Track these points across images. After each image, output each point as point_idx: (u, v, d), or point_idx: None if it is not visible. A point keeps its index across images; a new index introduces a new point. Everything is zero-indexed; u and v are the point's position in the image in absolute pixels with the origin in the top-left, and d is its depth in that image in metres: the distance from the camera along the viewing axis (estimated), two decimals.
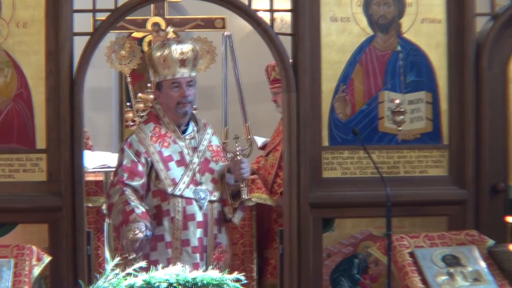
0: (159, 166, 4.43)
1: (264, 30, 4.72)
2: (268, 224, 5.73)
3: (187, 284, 2.92)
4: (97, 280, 2.92)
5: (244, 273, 3.11)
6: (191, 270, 3.03)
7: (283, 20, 6.28)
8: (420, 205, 4.76)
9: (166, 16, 6.98)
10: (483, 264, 4.28)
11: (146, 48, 6.83)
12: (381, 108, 4.79)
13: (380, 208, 4.29)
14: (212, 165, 4.54)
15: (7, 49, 4.55)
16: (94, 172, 5.69)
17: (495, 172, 4.84)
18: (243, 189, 4.51)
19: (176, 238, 4.40)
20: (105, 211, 5.40)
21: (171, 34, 4.84)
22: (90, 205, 5.40)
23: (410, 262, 4.26)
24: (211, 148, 4.59)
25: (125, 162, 4.42)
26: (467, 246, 4.39)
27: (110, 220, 5.30)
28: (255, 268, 5.64)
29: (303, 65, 4.70)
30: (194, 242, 4.41)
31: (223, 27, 6.79)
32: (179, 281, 2.92)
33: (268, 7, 4.75)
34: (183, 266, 3.03)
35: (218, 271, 3.02)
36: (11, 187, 4.54)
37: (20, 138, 4.56)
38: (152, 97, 6.26)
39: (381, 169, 4.58)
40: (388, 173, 4.73)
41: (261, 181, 5.69)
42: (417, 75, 4.82)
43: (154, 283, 2.90)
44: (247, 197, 4.52)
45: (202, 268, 3.49)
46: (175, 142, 4.50)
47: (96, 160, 5.70)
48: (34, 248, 4.17)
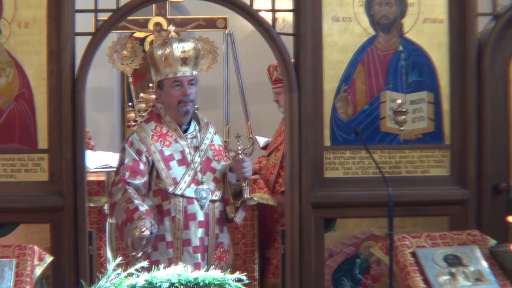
0: (160, 165, 4.40)
1: (266, 30, 4.72)
2: (270, 224, 5.74)
3: (189, 284, 2.92)
4: (99, 280, 2.92)
5: (246, 273, 3.10)
6: (193, 270, 3.02)
7: (285, 20, 6.27)
8: (422, 205, 4.76)
9: (168, 16, 6.98)
10: (485, 264, 4.28)
11: (148, 48, 6.82)
12: (383, 108, 4.79)
13: (382, 208, 4.29)
14: (214, 164, 4.51)
15: (9, 49, 4.55)
16: (96, 172, 5.70)
17: (497, 172, 4.84)
18: (245, 188, 4.45)
19: (177, 238, 4.38)
20: (107, 211, 5.40)
21: (173, 34, 4.83)
22: (92, 205, 5.41)
23: (412, 262, 4.25)
24: (213, 147, 4.55)
25: (127, 161, 4.40)
26: (469, 246, 4.39)
27: (112, 220, 5.30)
28: (257, 268, 5.65)
29: (305, 65, 4.70)
30: (195, 242, 4.39)
31: (225, 27, 6.78)
32: (181, 281, 2.92)
33: (270, 7, 4.75)
34: (185, 266, 3.03)
35: (220, 271, 3.01)
36: (13, 187, 4.54)
37: (22, 138, 4.55)
38: (154, 97, 6.25)
39: (383, 169, 4.57)
40: (390, 173, 4.72)
41: (263, 181, 5.70)
42: (419, 75, 4.82)
43: (156, 283, 2.90)
44: (249, 196, 4.47)
45: (204, 268, 3.48)
46: (177, 141, 4.47)
47: (98, 160, 5.70)
48: (36, 248, 4.17)
